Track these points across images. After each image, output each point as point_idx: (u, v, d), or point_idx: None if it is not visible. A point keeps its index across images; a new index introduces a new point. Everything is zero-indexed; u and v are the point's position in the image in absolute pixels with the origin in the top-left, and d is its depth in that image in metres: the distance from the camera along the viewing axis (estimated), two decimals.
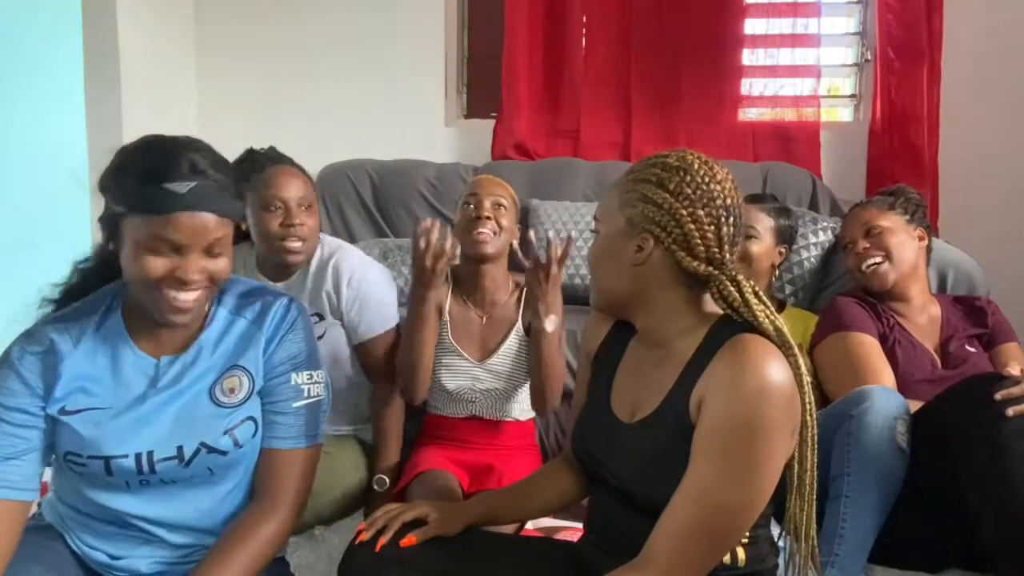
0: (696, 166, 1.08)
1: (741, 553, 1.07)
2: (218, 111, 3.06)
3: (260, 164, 1.79)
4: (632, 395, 1.15)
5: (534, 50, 2.84)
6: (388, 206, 2.69)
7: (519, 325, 1.85)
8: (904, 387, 1.76)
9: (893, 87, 2.65)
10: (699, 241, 1.06)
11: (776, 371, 0.98)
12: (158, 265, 1.09)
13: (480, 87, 3.00)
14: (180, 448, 1.18)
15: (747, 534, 1.08)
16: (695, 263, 1.06)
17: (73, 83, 2.70)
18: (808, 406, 1.03)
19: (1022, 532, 1.33)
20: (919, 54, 2.61)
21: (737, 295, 1.06)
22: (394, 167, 2.74)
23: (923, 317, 1.97)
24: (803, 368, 1.02)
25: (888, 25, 2.64)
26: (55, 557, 1.22)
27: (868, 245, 1.98)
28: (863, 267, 1.98)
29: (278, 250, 1.74)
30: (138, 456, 1.16)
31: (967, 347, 1.91)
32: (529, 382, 1.81)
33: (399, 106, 2.96)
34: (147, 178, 1.07)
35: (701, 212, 1.05)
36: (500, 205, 1.80)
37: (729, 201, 1.07)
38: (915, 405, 1.60)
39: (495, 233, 1.79)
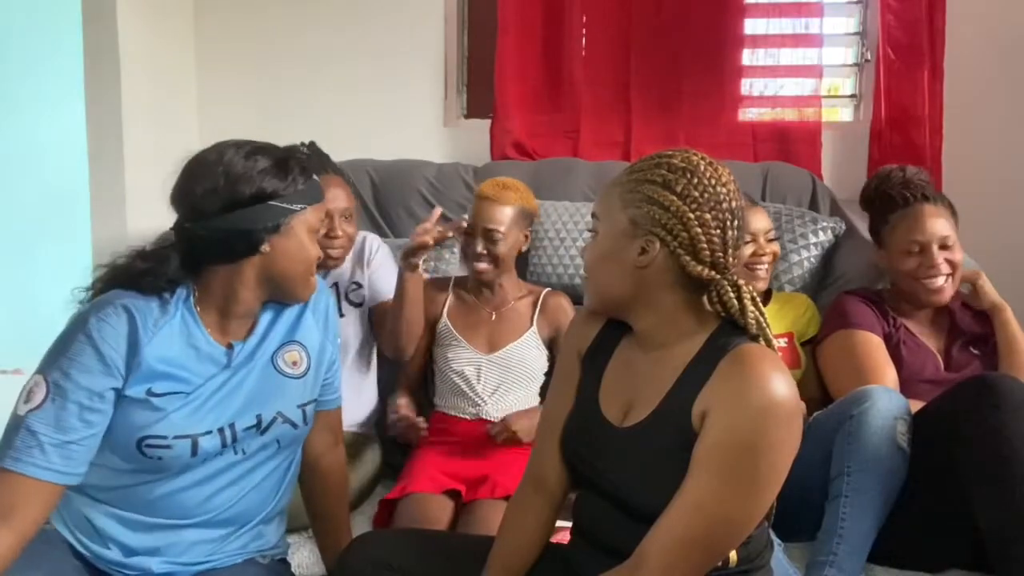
0: (702, 168, 1.06)
1: (733, 555, 1.07)
2: (219, 111, 3.04)
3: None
4: (623, 397, 1.13)
5: (533, 50, 2.83)
6: (388, 206, 2.69)
7: (534, 333, 1.93)
8: (907, 387, 1.75)
9: (894, 87, 2.64)
10: (705, 245, 1.04)
11: (782, 387, 0.97)
12: (316, 247, 1.31)
13: (480, 87, 2.99)
14: (259, 416, 1.27)
15: None
16: (699, 267, 1.05)
17: (73, 83, 2.70)
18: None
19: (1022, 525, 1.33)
20: (921, 54, 2.60)
21: (736, 301, 1.06)
22: (394, 167, 2.74)
23: (932, 321, 1.96)
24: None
25: (889, 25, 2.63)
26: (55, 565, 1.22)
27: (941, 260, 1.82)
28: (928, 280, 1.84)
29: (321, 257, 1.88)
30: (221, 430, 1.23)
31: (972, 350, 1.90)
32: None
33: (399, 106, 2.95)
34: (305, 174, 1.26)
35: (708, 215, 1.04)
36: (494, 231, 1.85)
37: (734, 204, 1.06)
38: (917, 405, 1.60)
39: (491, 264, 1.89)
